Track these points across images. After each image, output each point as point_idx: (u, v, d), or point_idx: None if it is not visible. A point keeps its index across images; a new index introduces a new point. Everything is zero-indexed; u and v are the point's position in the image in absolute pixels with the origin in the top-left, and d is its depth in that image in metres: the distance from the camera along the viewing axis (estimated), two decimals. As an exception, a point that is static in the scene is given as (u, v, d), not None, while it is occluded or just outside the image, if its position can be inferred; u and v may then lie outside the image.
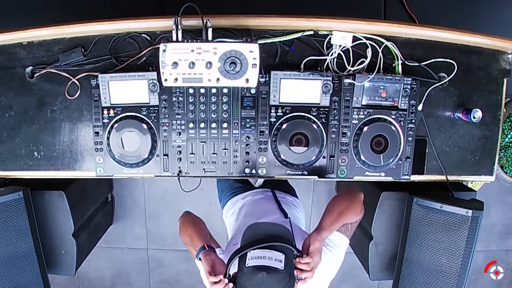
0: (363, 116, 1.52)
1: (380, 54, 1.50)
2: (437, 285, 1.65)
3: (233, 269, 1.08)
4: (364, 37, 1.48)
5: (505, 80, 1.58)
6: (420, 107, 1.54)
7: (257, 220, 1.36)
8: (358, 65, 1.51)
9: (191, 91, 1.49)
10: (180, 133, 1.53)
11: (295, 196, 1.75)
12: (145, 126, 1.50)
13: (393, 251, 1.82)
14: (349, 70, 1.51)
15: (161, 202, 2.88)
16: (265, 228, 1.14)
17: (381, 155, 1.52)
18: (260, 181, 2.67)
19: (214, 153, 1.54)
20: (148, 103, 1.50)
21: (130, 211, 2.90)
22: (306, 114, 1.51)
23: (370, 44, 1.49)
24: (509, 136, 2.42)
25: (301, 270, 1.09)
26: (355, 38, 1.48)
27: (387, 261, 1.86)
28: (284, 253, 1.02)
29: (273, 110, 1.51)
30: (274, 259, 1.00)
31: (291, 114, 1.51)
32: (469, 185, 2.06)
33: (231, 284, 1.09)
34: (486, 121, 1.59)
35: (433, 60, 1.52)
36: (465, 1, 2.41)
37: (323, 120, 1.51)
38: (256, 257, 1.01)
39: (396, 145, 1.52)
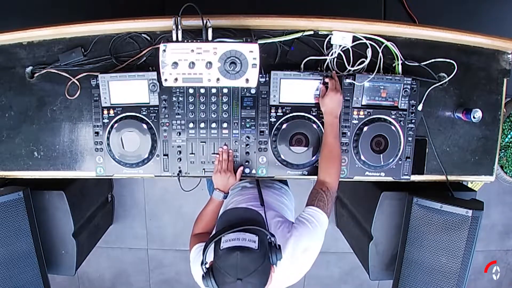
0: (363, 116, 1.52)
1: (380, 54, 1.50)
2: (437, 285, 1.65)
3: (210, 257, 1.09)
4: (364, 37, 1.48)
5: (505, 80, 1.58)
6: (420, 107, 1.54)
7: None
8: (358, 65, 1.51)
9: (191, 91, 1.49)
10: (180, 133, 1.53)
11: (283, 183, 1.75)
12: (145, 126, 1.50)
13: (393, 251, 1.82)
14: (349, 70, 1.51)
15: (161, 202, 2.88)
16: (238, 213, 1.16)
17: (381, 155, 1.52)
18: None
19: (214, 153, 1.54)
20: (148, 103, 1.50)
21: (130, 211, 2.90)
22: (306, 114, 1.51)
23: (370, 44, 1.49)
24: (509, 136, 2.41)
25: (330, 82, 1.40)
26: (355, 38, 1.48)
27: (387, 261, 1.86)
28: (257, 235, 1.04)
29: (273, 110, 1.51)
30: (248, 240, 1.02)
31: (291, 114, 1.51)
32: (469, 185, 2.06)
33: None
34: (486, 121, 1.59)
35: (433, 60, 1.53)
36: (465, 1, 2.41)
37: (323, 120, 1.51)
38: (230, 239, 1.03)
39: (396, 145, 1.52)
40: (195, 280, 1.31)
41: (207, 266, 1.08)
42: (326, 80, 1.46)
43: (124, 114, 1.50)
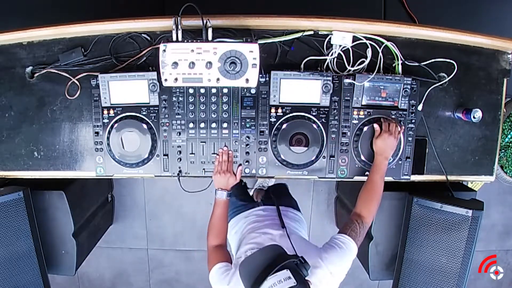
0: (363, 116, 1.52)
1: (380, 54, 1.50)
2: (437, 285, 1.65)
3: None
4: (364, 37, 1.48)
5: (505, 80, 1.58)
6: (420, 107, 1.54)
7: (259, 235, 1.38)
8: (358, 65, 1.51)
9: (191, 91, 1.50)
10: (180, 133, 1.53)
11: (296, 209, 1.74)
12: (145, 126, 1.50)
13: (393, 251, 1.82)
14: (349, 70, 1.51)
15: (161, 202, 2.88)
16: (255, 260, 1.11)
17: (381, 155, 1.52)
18: (259, 181, 2.65)
19: (214, 153, 1.54)
20: (148, 103, 1.50)
21: (130, 211, 2.90)
22: (306, 114, 1.51)
23: (370, 44, 1.49)
24: (509, 136, 2.41)
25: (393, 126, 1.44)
26: (355, 38, 1.48)
27: (387, 261, 1.86)
28: (287, 268, 1.02)
29: (273, 110, 1.51)
30: (283, 279, 1.00)
31: (291, 114, 1.51)
32: (469, 185, 2.06)
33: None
34: (486, 121, 1.59)
35: (433, 60, 1.53)
36: (465, 1, 2.41)
37: (323, 120, 1.51)
38: None
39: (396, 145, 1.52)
40: None
41: None
42: (377, 123, 1.47)
43: (124, 114, 1.50)
